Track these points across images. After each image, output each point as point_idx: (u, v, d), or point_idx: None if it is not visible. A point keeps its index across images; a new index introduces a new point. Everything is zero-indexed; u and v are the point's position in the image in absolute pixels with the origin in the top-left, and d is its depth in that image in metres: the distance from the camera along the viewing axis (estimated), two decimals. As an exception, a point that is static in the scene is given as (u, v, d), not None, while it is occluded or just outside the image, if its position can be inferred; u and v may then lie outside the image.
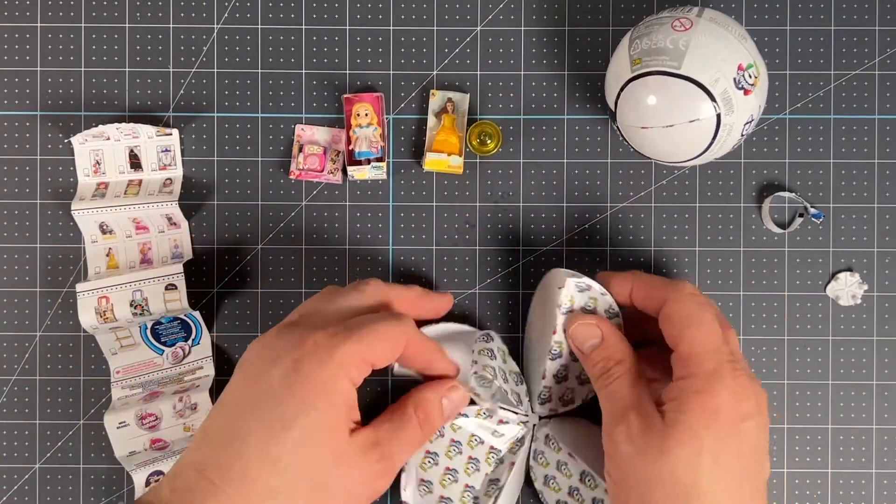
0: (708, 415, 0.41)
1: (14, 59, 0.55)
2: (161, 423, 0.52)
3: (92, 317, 0.51)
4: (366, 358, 0.42)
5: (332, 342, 0.41)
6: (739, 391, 0.42)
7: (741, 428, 0.42)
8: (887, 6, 0.55)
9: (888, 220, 0.55)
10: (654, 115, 0.47)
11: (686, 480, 0.41)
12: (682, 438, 0.41)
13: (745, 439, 0.42)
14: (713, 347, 0.43)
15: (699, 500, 0.41)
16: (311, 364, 0.41)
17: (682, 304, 0.45)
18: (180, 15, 0.55)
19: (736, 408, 0.42)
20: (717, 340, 0.43)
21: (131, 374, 0.54)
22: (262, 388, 0.41)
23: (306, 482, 0.40)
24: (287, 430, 0.40)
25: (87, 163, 0.54)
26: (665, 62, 0.46)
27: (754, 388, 0.43)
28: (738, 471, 0.42)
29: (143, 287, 0.52)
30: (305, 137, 0.55)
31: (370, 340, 0.42)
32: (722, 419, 0.41)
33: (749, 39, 0.48)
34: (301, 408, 0.40)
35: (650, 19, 0.49)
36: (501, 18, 0.55)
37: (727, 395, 0.42)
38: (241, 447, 0.40)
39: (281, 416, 0.40)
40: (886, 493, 0.54)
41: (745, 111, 0.47)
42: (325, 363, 0.41)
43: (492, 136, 0.54)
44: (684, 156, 0.48)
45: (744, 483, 0.42)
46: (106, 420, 0.51)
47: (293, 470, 0.40)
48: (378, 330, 0.43)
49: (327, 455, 0.41)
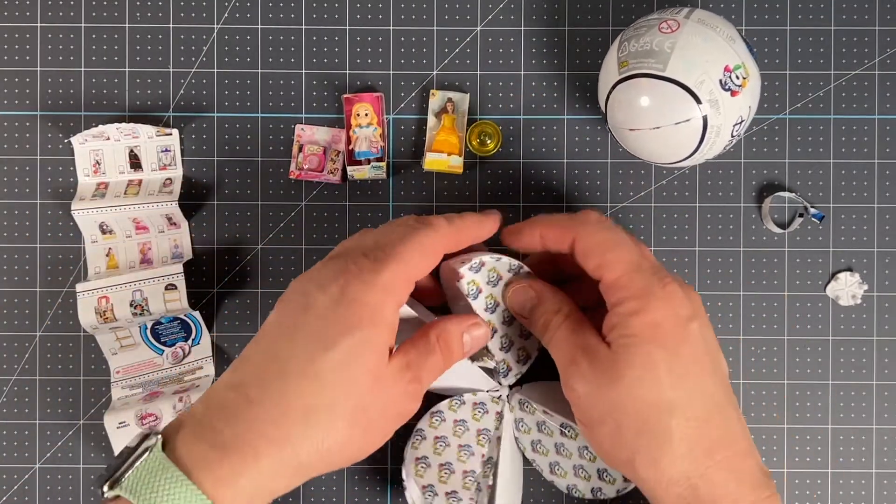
0: (650, 331, 0.41)
1: (14, 59, 0.55)
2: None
3: (92, 317, 0.51)
4: (409, 277, 0.42)
5: (375, 266, 0.41)
6: (672, 298, 0.42)
7: (687, 332, 0.42)
8: (887, 6, 0.55)
9: (888, 220, 0.55)
10: (641, 117, 0.47)
11: (649, 398, 0.41)
12: (633, 360, 0.41)
13: (693, 341, 0.42)
14: (635, 265, 0.43)
15: (669, 412, 0.41)
16: (357, 286, 0.40)
17: (593, 234, 0.44)
18: (180, 15, 0.55)
19: (675, 315, 0.42)
20: (637, 258, 0.43)
21: (131, 374, 0.54)
22: (307, 313, 0.40)
23: (346, 402, 0.39)
24: (330, 350, 0.39)
25: (87, 163, 0.54)
26: (651, 64, 0.46)
27: (685, 292, 0.43)
28: (697, 373, 0.42)
29: (143, 287, 0.52)
30: (305, 137, 0.55)
31: (411, 257, 0.42)
32: (664, 330, 0.41)
33: (738, 40, 0.47)
34: (346, 329, 0.39)
35: (640, 21, 0.49)
36: (501, 18, 0.55)
37: (662, 305, 0.42)
38: (282, 366, 0.39)
39: (324, 337, 0.39)
40: (886, 493, 0.54)
41: (733, 112, 0.47)
42: (370, 285, 0.40)
43: (492, 136, 0.54)
44: (673, 157, 0.49)
45: (707, 383, 0.42)
46: (106, 420, 0.51)
47: (334, 389, 0.39)
48: (417, 246, 0.42)
49: (368, 376, 0.40)
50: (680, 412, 0.41)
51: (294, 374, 0.39)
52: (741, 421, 0.43)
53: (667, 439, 0.41)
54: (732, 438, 0.42)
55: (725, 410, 0.42)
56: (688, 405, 0.41)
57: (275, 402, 0.38)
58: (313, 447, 0.39)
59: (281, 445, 0.38)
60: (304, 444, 0.38)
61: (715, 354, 0.43)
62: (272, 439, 0.38)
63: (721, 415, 0.42)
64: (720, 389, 0.42)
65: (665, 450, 0.41)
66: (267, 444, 0.38)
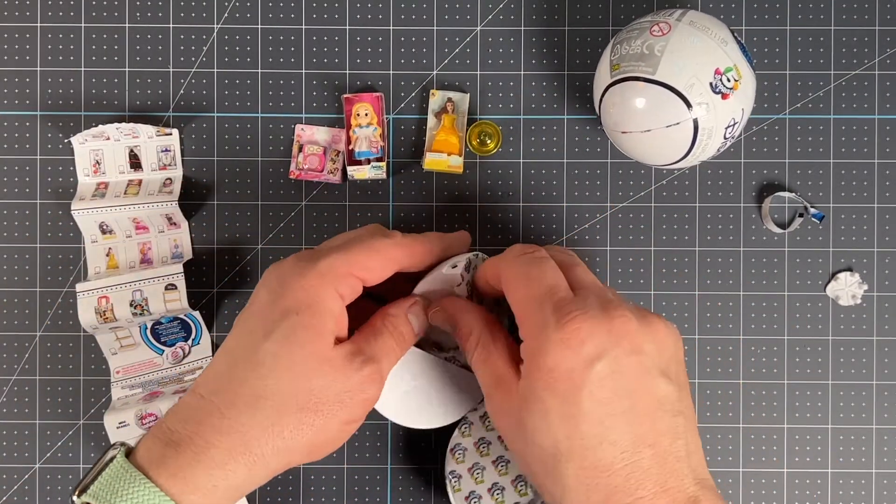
0: (544, 375, 0.39)
1: (14, 59, 0.55)
2: None
3: (92, 316, 0.51)
4: (351, 270, 0.42)
5: (314, 256, 0.42)
6: (569, 338, 0.39)
7: (590, 374, 0.38)
8: (887, 6, 0.55)
9: (888, 220, 0.55)
10: (633, 120, 0.47)
11: (546, 444, 0.39)
12: (530, 406, 0.39)
13: (598, 383, 0.38)
14: (536, 302, 0.40)
15: (565, 460, 0.39)
16: (293, 277, 0.41)
17: (508, 269, 0.43)
18: (180, 15, 0.55)
19: (574, 356, 0.38)
20: (540, 293, 0.41)
21: (131, 374, 0.54)
22: (251, 309, 0.42)
23: (291, 385, 0.40)
24: (269, 336, 0.40)
25: (86, 163, 0.54)
26: (641, 68, 0.46)
27: (598, 322, 0.39)
28: (599, 418, 0.38)
29: (143, 287, 0.52)
30: (305, 137, 0.55)
31: (354, 252, 0.42)
32: (557, 375, 0.39)
33: (731, 42, 0.47)
34: (282, 314, 0.41)
35: (633, 23, 0.49)
36: (501, 18, 0.55)
37: (555, 348, 0.39)
38: (228, 359, 0.41)
39: (264, 326, 0.41)
40: (886, 493, 0.54)
41: (725, 115, 0.47)
42: (305, 273, 0.41)
43: (492, 136, 0.54)
44: (666, 159, 0.49)
45: (613, 428, 0.39)
46: (106, 420, 0.51)
47: (278, 374, 0.40)
48: (364, 243, 0.43)
49: (311, 359, 0.40)
50: (574, 462, 0.38)
51: (240, 365, 0.40)
52: (659, 458, 0.39)
53: (564, 485, 0.39)
54: (636, 485, 0.38)
55: (635, 453, 0.39)
56: (583, 454, 0.38)
57: (223, 394, 0.39)
58: (264, 433, 0.39)
59: (230, 434, 0.39)
60: (253, 431, 0.39)
61: (636, 389, 0.39)
62: (220, 429, 0.39)
63: (626, 460, 0.38)
64: (635, 429, 0.39)
65: (565, 494, 0.39)
66: (217, 434, 0.39)
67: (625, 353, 0.39)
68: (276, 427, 0.39)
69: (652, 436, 0.39)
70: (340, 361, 0.41)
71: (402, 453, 0.55)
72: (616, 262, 0.55)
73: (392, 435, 0.55)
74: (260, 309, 0.42)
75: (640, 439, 0.39)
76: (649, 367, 0.40)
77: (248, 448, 0.39)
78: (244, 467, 0.39)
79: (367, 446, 0.55)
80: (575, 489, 0.39)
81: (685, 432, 0.40)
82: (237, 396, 0.39)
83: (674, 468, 0.39)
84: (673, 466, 0.39)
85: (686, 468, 0.39)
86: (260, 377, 0.40)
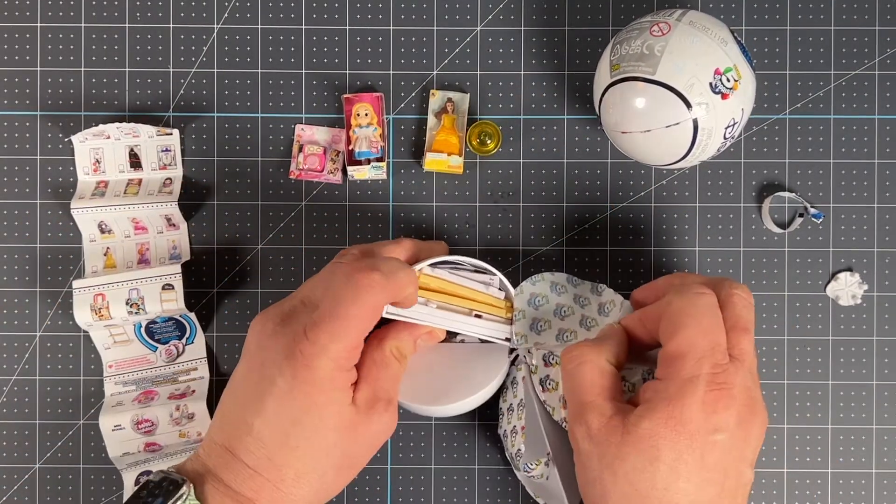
0: (672, 425, 0.40)
1: (14, 59, 0.55)
2: (157, 429, 0.52)
3: (87, 314, 0.51)
4: (349, 348, 0.44)
5: (315, 350, 0.43)
6: (712, 403, 0.40)
7: (707, 441, 0.40)
8: (887, 6, 0.55)
9: (888, 220, 0.55)
10: (632, 120, 0.47)
11: (641, 487, 0.40)
12: (641, 446, 0.40)
13: (711, 451, 0.40)
14: (698, 354, 0.41)
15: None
16: (305, 374, 0.43)
17: (681, 298, 0.43)
18: (180, 15, 0.55)
19: (706, 420, 0.40)
20: (706, 346, 0.41)
21: (124, 370, 0.54)
22: (267, 388, 0.43)
23: (327, 459, 0.44)
24: (297, 426, 0.43)
25: (86, 161, 0.54)
26: (640, 68, 0.46)
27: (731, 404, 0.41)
28: (700, 481, 0.40)
29: (140, 286, 0.51)
30: (305, 137, 0.55)
31: (345, 335, 0.43)
32: (687, 431, 0.40)
33: (731, 42, 0.47)
34: (305, 408, 0.43)
35: (633, 23, 0.49)
36: (501, 18, 0.55)
37: (697, 406, 0.40)
38: (260, 437, 0.43)
39: (290, 416, 0.43)
40: (886, 493, 0.54)
41: (724, 115, 0.47)
42: (315, 371, 0.43)
43: (492, 136, 0.54)
44: (666, 159, 0.49)
45: (707, 492, 0.41)
46: (101, 421, 0.51)
47: (314, 454, 0.43)
48: (352, 322, 0.43)
49: (341, 433, 0.44)
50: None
51: (275, 446, 0.43)
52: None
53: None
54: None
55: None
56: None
57: (269, 471, 0.43)
58: (311, 494, 0.44)
59: (285, 502, 0.43)
60: (302, 495, 0.44)
61: (730, 467, 0.41)
62: (277, 499, 0.43)
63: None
64: (720, 500, 0.41)
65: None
66: (274, 502, 0.43)
67: (738, 437, 0.41)
68: (322, 490, 0.44)
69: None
70: (364, 418, 0.45)
71: (402, 453, 0.55)
72: (616, 262, 0.55)
73: (392, 435, 0.55)
74: (280, 395, 0.43)
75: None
76: (746, 455, 0.42)
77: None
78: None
79: (367, 446, 0.55)
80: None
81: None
82: (284, 476, 0.43)
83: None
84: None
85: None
86: (298, 459, 0.43)
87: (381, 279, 0.44)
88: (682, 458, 0.40)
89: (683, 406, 0.40)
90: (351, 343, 0.43)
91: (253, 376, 0.44)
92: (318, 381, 0.43)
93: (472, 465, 0.55)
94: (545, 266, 0.55)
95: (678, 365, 0.41)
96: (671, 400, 0.40)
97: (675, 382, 0.41)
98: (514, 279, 0.54)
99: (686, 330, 0.42)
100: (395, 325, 0.48)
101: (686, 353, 0.41)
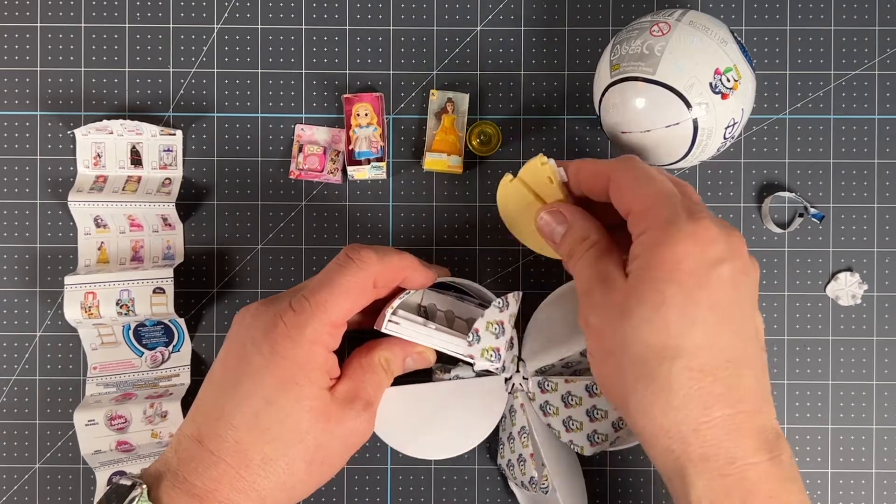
0: (669, 266, 0.38)
1: (14, 59, 0.55)
2: (129, 427, 0.52)
3: (77, 311, 0.51)
4: (335, 323, 0.43)
5: (299, 319, 0.43)
6: (702, 233, 0.38)
7: (712, 275, 0.38)
8: (887, 6, 0.55)
9: (888, 220, 0.55)
10: (632, 120, 0.47)
11: (654, 341, 0.38)
12: (644, 297, 0.38)
13: (717, 286, 0.38)
14: (665, 197, 0.39)
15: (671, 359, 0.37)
16: (285, 344, 0.42)
17: (629, 171, 0.42)
18: (180, 15, 0.55)
19: (701, 253, 0.38)
20: (670, 190, 0.40)
21: (108, 372, 0.54)
22: (245, 370, 0.43)
23: (299, 446, 0.43)
24: (271, 405, 0.42)
25: (88, 154, 0.54)
26: (640, 68, 0.46)
27: (723, 230, 0.39)
28: (713, 322, 0.38)
29: (132, 287, 0.52)
30: (305, 137, 0.55)
31: (335, 303, 0.43)
32: (685, 268, 0.37)
33: (731, 42, 0.47)
34: (282, 384, 0.42)
35: (633, 23, 0.49)
36: (501, 18, 0.55)
37: (687, 240, 0.38)
38: (230, 420, 0.42)
39: (264, 395, 0.42)
40: (886, 493, 0.54)
41: (724, 115, 0.47)
42: (297, 342, 0.42)
43: (492, 136, 0.54)
44: (666, 159, 0.49)
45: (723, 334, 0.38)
46: (76, 416, 0.51)
47: (284, 439, 0.42)
48: (340, 290, 0.43)
49: (315, 420, 0.43)
50: (683, 361, 0.37)
51: (244, 430, 0.42)
52: (759, 380, 0.39)
53: (663, 387, 0.38)
54: (738, 397, 0.38)
55: (738, 366, 0.38)
56: (693, 355, 0.37)
57: (234, 456, 0.42)
58: (277, 488, 0.42)
59: (248, 493, 0.42)
60: (268, 487, 0.42)
61: (745, 306, 0.39)
62: (239, 489, 0.42)
63: (730, 370, 0.38)
64: (738, 344, 0.38)
65: (659, 397, 0.38)
66: (236, 493, 0.42)
67: (739, 270, 0.39)
68: (288, 483, 0.43)
69: (749, 359, 0.39)
70: (340, 410, 0.44)
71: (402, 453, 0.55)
72: (616, 262, 0.55)
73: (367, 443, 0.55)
74: (254, 372, 0.43)
75: (746, 355, 0.39)
76: (751, 296, 0.40)
77: (263, 501, 0.42)
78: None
79: (367, 446, 0.55)
80: (675, 390, 0.37)
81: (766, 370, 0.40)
82: (249, 460, 0.42)
83: (766, 396, 0.40)
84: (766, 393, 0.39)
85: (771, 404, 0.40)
86: (268, 442, 0.42)
87: (373, 255, 0.45)
88: (690, 298, 0.37)
89: (674, 244, 0.38)
90: (335, 316, 0.43)
91: (231, 360, 0.44)
92: (297, 356, 0.42)
93: (473, 465, 0.55)
94: (545, 267, 0.55)
95: (653, 213, 0.39)
96: (657, 245, 0.38)
97: (655, 228, 0.39)
98: (514, 279, 0.54)
99: (640, 185, 0.41)
100: (389, 338, 0.48)
101: (655, 202, 0.40)
